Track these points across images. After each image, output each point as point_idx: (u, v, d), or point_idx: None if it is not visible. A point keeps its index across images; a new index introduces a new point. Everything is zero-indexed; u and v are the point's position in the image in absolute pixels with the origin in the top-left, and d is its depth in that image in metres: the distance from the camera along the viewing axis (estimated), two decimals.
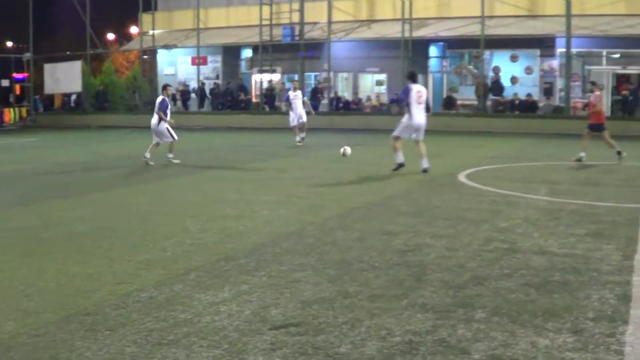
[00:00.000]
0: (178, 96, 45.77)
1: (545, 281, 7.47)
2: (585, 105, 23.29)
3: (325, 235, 9.79)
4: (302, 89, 31.61)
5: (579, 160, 19.77)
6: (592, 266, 8.16)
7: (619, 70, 38.58)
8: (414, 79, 17.65)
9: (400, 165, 17.13)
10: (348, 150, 18.35)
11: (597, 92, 20.94)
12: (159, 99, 20.38)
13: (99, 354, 5.41)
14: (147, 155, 19.90)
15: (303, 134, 27.33)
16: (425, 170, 16.91)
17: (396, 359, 5.32)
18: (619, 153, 19.69)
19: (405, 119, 17.29)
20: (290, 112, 27.52)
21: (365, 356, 5.36)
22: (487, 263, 8.24)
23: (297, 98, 27.47)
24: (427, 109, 17.53)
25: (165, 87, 21.42)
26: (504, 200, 13.03)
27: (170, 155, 20.22)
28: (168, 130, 20.20)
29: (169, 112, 20.43)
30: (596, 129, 20.36)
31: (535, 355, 5.43)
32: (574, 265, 8.16)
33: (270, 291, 7.03)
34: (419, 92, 17.37)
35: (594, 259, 8.54)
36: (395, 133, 17.27)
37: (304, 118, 27.30)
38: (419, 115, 17.21)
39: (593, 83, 22.93)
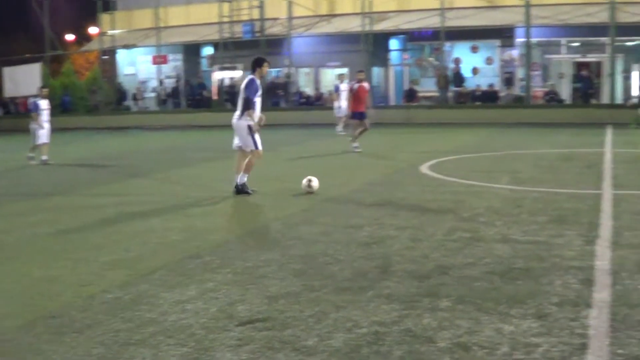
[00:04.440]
0: (139, 96, 45.62)
1: (508, 268, 7.54)
2: None
3: (289, 231, 9.80)
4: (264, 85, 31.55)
5: None
6: (555, 252, 8.24)
7: (579, 58, 38.91)
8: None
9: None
10: (315, 183, 13.42)
11: None
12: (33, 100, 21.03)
13: (66, 356, 5.38)
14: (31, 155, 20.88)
15: None
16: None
17: (363, 350, 5.34)
18: None
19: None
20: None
21: (331, 348, 5.38)
22: (451, 253, 8.29)
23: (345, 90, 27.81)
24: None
25: (41, 88, 21.81)
26: (467, 190, 13.13)
27: (31, 155, 20.68)
28: (36, 131, 20.56)
29: (43, 112, 20.67)
30: None
31: (500, 341, 5.48)
32: (537, 252, 8.23)
33: (236, 288, 7.03)
34: None
35: (556, 245, 8.62)
36: None
37: None
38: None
39: None
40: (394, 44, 42.25)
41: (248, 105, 13.23)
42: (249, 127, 13.28)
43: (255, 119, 13.26)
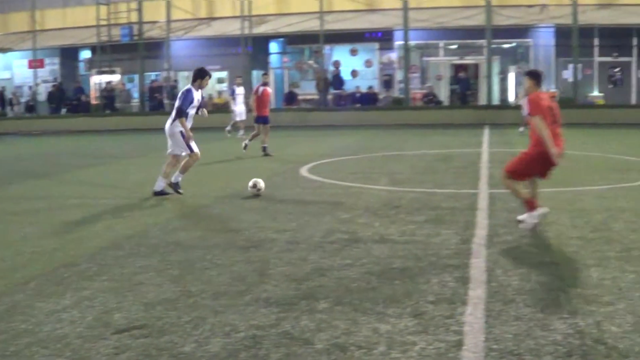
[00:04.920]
0: (15, 101, 44.48)
1: (386, 268, 7.63)
2: None
3: (168, 236, 9.68)
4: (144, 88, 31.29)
5: None
6: (432, 251, 8.39)
7: (456, 60, 39.74)
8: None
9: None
10: (261, 185, 13.30)
11: None
12: None
13: None
14: None
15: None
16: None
17: (241, 354, 5.32)
18: None
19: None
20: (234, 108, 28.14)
21: (209, 354, 5.34)
22: (329, 254, 8.34)
23: (241, 94, 28.26)
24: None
25: None
26: (346, 192, 13.23)
27: None
28: None
29: None
30: None
31: (378, 340, 5.54)
32: (414, 252, 8.36)
33: (112, 295, 6.91)
34: None
35: (433, 244, 8.78)
36: None
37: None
38: None
39: None
40: (273, 47, 42.29)
41: (180, 114, 13.27)
42: (181, 133, 13.33)
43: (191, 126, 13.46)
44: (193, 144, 13.44)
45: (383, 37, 38.95)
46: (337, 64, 40.01)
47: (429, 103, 37.83)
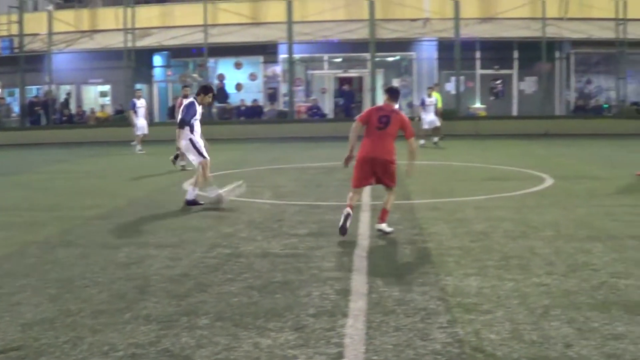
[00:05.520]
0: None
1: (267, 282, 7.65)
2: None
3: (46, 254, 9.48)
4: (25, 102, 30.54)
5: None
6: (313, 264, 8.45)
7: (341, 73, 40.11)
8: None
9: None
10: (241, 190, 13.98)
11: None
12: None
13: None
14: None
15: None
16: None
17: None
18: None
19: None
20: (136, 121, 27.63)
21: None
22: (210, 270, 8.32)
23: (143, 106, 27.89)
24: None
25: None
26: (229, 206, 13.18)
27: None
28: None
29: None
30: None
31: (258, 355, 5.55)
32: (295, 265, 8.41)
33: None
34: None
35: (315, 257, 8.85)
36: None
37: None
38: None
39: None
40: (157, 60, 41.90)
41: (181, 125, 13.72)
42: (191, 141, 13.76)
43: (200, 140, 13.84)
44: (203, 151, 13.83)
45: (267, 50, 39.00)
46: (221, 77, 39.88)
47: (314, 116, 38.07)
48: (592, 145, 27.70)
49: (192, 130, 13.74)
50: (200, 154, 13.71)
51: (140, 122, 27.84)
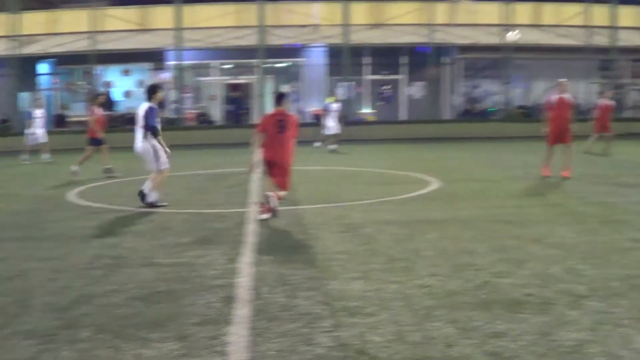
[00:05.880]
0: None
1: (151, 292, 7.59)
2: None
3: None
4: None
5: None
6: (198, 273, 8.42)
7: (230, 80, 40.07)
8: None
9: None
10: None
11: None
12: None
13: None
14: None
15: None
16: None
17: None
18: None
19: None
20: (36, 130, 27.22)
21: None
22: (94, 281, 8.19)
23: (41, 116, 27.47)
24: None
25: None
26: (115, 216, 13.02)
27: None
28: None
29: None
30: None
31: None
32: (180, 274, 8.36)
33: None
34: None
35: (199, 265, 8.81)
36: None
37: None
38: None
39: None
40: (43, 67, 41.05)
41: (155, 133, 13.55)
42: (154, 147, 13.66)
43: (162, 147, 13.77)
44: (164, 160, 13.84)
45: (156, 57, 38.68)
46: (108, 85, 39.35)
47: (202, 123, 37.93)
48: (479, 148, 28.36)
49: (155, 135, 13.63)
50: (160, 163, 13.77)
51: (41, 131, 27.27)
